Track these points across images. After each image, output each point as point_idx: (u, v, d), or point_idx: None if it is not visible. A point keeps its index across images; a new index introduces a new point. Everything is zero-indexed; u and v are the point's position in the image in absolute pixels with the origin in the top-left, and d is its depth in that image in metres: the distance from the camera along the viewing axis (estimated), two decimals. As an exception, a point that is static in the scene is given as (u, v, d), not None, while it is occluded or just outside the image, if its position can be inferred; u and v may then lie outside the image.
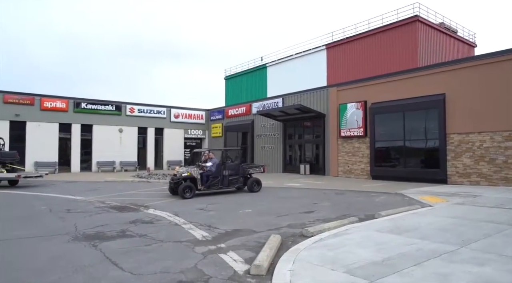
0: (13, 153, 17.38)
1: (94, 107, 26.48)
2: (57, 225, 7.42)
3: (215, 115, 31.15)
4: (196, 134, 31.73)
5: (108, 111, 27.08)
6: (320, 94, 21.35)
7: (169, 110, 30.18)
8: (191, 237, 6.31)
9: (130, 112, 28.03)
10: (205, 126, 32.12)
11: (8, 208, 10.03)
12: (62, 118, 25.12)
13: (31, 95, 24.24)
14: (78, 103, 25.82)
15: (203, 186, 11.81)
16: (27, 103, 23.80)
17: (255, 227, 7.08)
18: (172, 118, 30.26)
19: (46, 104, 24.48)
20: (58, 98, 25.22)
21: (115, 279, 4.20)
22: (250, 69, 36.76)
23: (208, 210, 9.25)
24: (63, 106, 25.15)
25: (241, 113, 27.83)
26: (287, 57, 32.87)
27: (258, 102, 26.44)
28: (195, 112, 31.79)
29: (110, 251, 5.37)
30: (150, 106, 29.31)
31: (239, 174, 12.82)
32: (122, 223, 7.49)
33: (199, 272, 4.42)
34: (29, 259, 5.08)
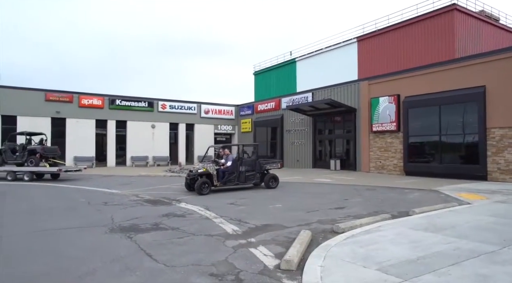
0: (55, 148, 18.32)
1: (128, 104, 27.37)
2: (95, 217, 7.76)
3: (245, 110, 31.30)
4: (226, 129, 32.05)
5: (141, 108, 27.90)
6: (351, 89, 20.91)
7: (200, 106, 30.65)
8: (222, 231, 6.41)
9: (162, 108, 28.73)
10: (235, 122, 32.35)
11: (52, 200, 10.61)
12: (98, 114, 26.16)
13: (70, 93, 25.41)
14: (113, 100, 26.78)
15: (219, 182, 11.61)
16: (66, 100, 24.98)
17: (285, 222, 7.07)
18: (202, 114, 30.72)
19: (83, 102, 25.59)
20: (95, 95, 26.28)
21: (149, 270, 4.34)
22: (279, 64, 36.56)
23: (238, 205, 9.34)
24: (99, 103, 26.18)
25: (271, 109, 27.80)
26: (316, 51, 32.38)
27: (288, 97, 26.29)
28: (224, 108, 32.09)
29: (144, 243, 5.56)
30: (181, 102, 29.90)
31: (256, 170, 12.54)
32: (155, 216, 7.72)
33: (230, 266, 4.48)
34: (71, 248, 5.35)
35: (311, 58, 33.02)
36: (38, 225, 6.99)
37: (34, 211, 8.62)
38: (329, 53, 31.17)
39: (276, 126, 27.05)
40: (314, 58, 32.75)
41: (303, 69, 33.84)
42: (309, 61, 33.22)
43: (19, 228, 6.77)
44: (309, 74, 32.50)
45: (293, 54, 35.46)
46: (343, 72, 27.46)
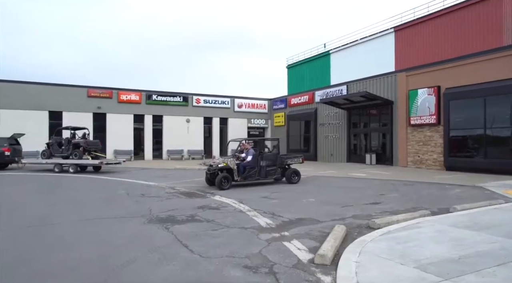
0: (96, 142, 19.23)
1: (163, 99, 28.13)
2: (134, 208, 8.09)
3: (278, 104, 31.20)
4: (259, 123, 32.14)
5: (176, 103, 28.58)
6: (388, 81, 20.23)
7: (233, 101, 30.91)
8: (256, 224, 6.46)
9: (196, 103, 29.27)
10: (268, 116, 32.35)
11: (94, 191, 11.17)
12: (136, 109, 27.11)
13: (110, 89, 26.49)
14: (149, 96, 27.62)
15: (239, 176, 11.40)
16: (106, 96, 26.09)
17: (319, 216, 7.01)
18: (236, 108, 30.97)
19: (122, 97, 26.60)
20: (133, 91, 27.23)
21: (185, 260, 4.46)
22: (313, 57, 36.03)
23: (271, 198, 9.37)
24: (137, 99, 27.10)
25: (304, 102, 27.51)
26: (351, 43, 31.58)
27: (321, 90, 25.89)
28: (258, 102, 32.16)
29: (180, 234, 5.72)
30: (215, 97, 30.30)
31: (277, 165, 12.29)
32: (191, 208, 7.92)
33: (264, 258, 4.52)
34: (113, 237, 5.62)
35: (346, 50, 32.25)
36: (83, 214, 7.39)
37: (79, 201, 9.11)
38: (364, 45, 30.29)
39: (309, 120, 26.76)
40: (348, 50, 31.97)
41: (337, 62, 33.14)
42: (344, 53, 32.47)
43: (67, 216, 7.19)
44: (343, 66, 31.78)
45: (327, 46, 34.81)
46: (379, 64, 26.61)
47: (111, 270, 4.11)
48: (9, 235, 5.77)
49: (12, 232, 6.01)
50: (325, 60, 34.55)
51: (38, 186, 12.44)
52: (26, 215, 7.42)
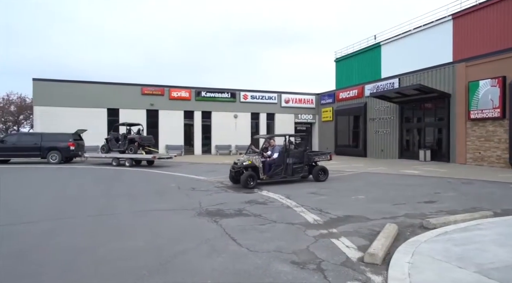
0: (150, 137, 20.22)
1: (212, 95, 28.81)
2: (184, 201, 8.40)
3: (325, 99, 30.62)
4: (306, 118, 31.81)
5: (225, 99, 29.14)
6: (444, 72, 18.99)
7: (280, 96, 30.85)
8: (303, 220, 6.42)
9: (243, 99, 29.62)
10: (315, 111, 31.89)
11: (148, 184, 11.77)
12: (186, 106, 28.06)
13: (161, 86, 27.67)
14: (199, 92, 28.43)
15: (265, 174, 10.96)
16: (158, 94, 27.28)
17: (368, 214, 6.80)
18: (283, 103, 30.89)
19: (173, 94, 27.66)
20: (183, 88, 28.20)
21: (234, 253, 4.56)
22: (362, 50, 34.79)
23: (319, 194, 9.25)
24: (187, 95, 28.03)
25: (353, 96, 26.73)
26: (404, 33, 30.00)
27: (371, 84, 24.97)
28: (305, 97, 31.81)
29: (229, 227, 5.85)
30: (262, 92, 30.44)
31: (304, 162, 11.67)
32: (238, 203, 8.06)
33: (311, 255, 4.48)
34: (165, 228, 5.89)
35: (398, 41, 30.72)
36: (138, 206, 7.83)
37: (134, 193, 9.65)
38: (418, 35, 28.64)
39: (358, 114, 25.96)
40: (401, 41, 30.43)
41: (388, 54, 31.71)
42: (395, 45, 30.97)
43: (124, 208, 7.66)
44: (395, 58, 30.34)
45: (377, 38, 33.41)
46: (435, 55, 25.02)
47: (164, 259, 4.32)
48: (71, 224, 6.27)
49: (74, 220, 6.52)
50: (375, 52, 33.21)
51: (98, 178, 13.37)
52: (87, 205, 8.01)
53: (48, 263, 4.21)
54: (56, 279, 3.73)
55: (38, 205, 7.98)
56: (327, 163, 12.75)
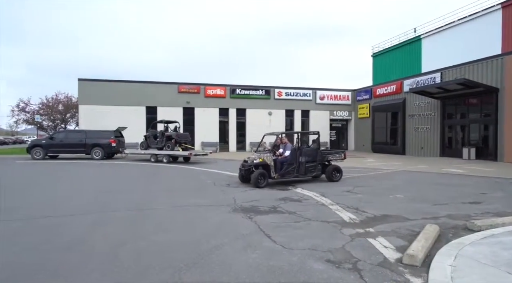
0: (186, 134, 20.72)
1: (247, 92, 29.00)
2: (220, 197, 8.54)
3: (362, 95, 29.87)
4: (342, 115, 31.22)
5: (259, 96, 29.22)
6: (492, 65, 17.88)
7: (315, 92, 30.48)
8: (338, 218, 6.32)
9: (278, 96, 29.56)
10: (351, 107, 31.21)
11: (185, 180, 12.08)
12: (221, 103, 28.45)
13: (197, 84, 28.24)
14: (233, 90, 28.72)
15: (276, 173, 10.45)
16: (194, 92, 27.87)
17: (407, 214, 6.57)
18: (318, 100, 30.50)
19: (209, 92, 28.14)
20: (218, 86, 28.60)
21: (268, 249, 4.58)
22: (401, 44, 33.53)
23: (355, 193, 9.06)
24: (222, 93, 28.41)
25: (391, 92, 25.87)
26: (446, 25, 28.58)
27: (411, 79, 24.03)
28: (340, 93, 31.21)
29: (263, 224, 5.88)
30: (296, 89, 30.23)
31: (317, 161, 11.10)
32: (273, 200, 8.07)
33: (347, 254, 4.40)
34: (202, 223, 6.03)
35: (440, 33, 29.32)
36: (176, 201, 8.06)
37: (172, 188, 9.95)
38: (463, 26, 27.16)
39: (397, 111, 25.11)
40: (443, 33, 29.01)
41: (429, 47, 30.34)
42: (437, 37, 29.58)
43: (162, 202, 7.92)
44: (436, 52, 28.98)
45: (417, 31, 32.08)
46: (482, 47, 23.61)
47: (201, 253, 4.42)
48: (114, 217, 6.57)
49: (117, 214, 6.83)
50: (415, 46, 31.91)
51: (138, 174, 13.90)
52: (128, 199, 8.35)
53: (93, 254, 4.45)
54: (101, 269, 3.93)
55: (84, 198, 8.43)
56: (340, 162, 12.06)
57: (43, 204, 7.76)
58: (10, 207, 7.29)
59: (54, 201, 8.12)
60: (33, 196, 8.82)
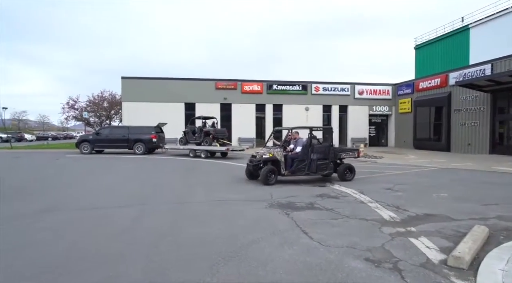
0: (223, 130, 21.03)
1: (283, 88, 28.86)
2: (256, 192, 8.59)
3: (403, 89, 28.72)
4: (382, 110, 30.24)
5: (296, 91, 28.99)
6: (551, 55, 16.47)
7: (353, 87, 29.75)
8: (377, 216, 6.14)
9: (315, 91, 29.16)
10: (392, 102, 30.13)
11: (222, 175, 12.27)
12: (258, 99, 28.54)
13: (234, 81, 28.51)
14: (270, 86, 28.69)
15: (287, 170, 9.95)
16: (231, 88, 28.17)
17: (452, 213, 6.26)
18: (356, 95, 29.74)
19: (245, 88, 28.32)
20: (255, 82, 28.71)
21: (305, 246, 4.55)
22: (447, 34, 31.79)
23: (395, 191, 8.76)
24: (259, 89, 28.48)
25: (435, 86, 24.65)
26: (498, 13, 26.69)
27: (457, 72, 22.73)
28: (380, 87, 30.21)
29: (300, 220, 5.85)
30: (334, 84, 29.66)
31: (329, 158, 10.46)
32: (310, 196, 8.00)
33: (387, 253, 4.27)
34: (239, 218, 6.10)
35: (491, 22, 27.47)
36: (213, 195, 8.22)
37: (210, 183, 10.15)
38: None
39: (441, 105, 23.90)
40: (494, 22, 27.15)
41: (478, 37, 28.53)
42: (488, 27, 27.73)
43: (201, 196, 8.11)
44: (486, 42, 27.19)
45: (465, 20, 30.23)
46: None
47: (238, 247, 4.48)
48: (155, 209, 6.82)
49: (158, 207, 7.08)
50: (462, 36, 30.13)
51: (177, 168, 14.32)
52: (168, 192, 8.64)
53: (136, 244, 4.65)
54: (143, 258, 4.11)
55: (128, 191, 8.83)
56: (352, 160, 11.55)
57: (93, 195, 8.21)
58: (64, 198, 7.80)
59: (102, 193, 8.57)
60: (83, 188, 9.37)
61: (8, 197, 7.97)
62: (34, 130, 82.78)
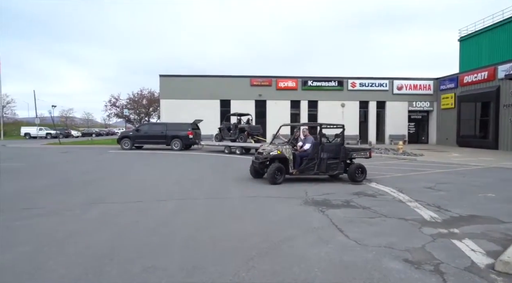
0: (258, 127, 21.11)
1: (319, 84, 28.47)
2: (291, 189, 8.56)
3: (446, 84, 27.37)
4: (422, 106, 29.04)
5: (331, 87, 28.50)
6: None
7: (392, 82, 28.77)
8: (417, 216, 5.92)
9: (351, 87, 28.50)
10: (433, 97, 28.83)
11: (256, 171, 12.33)
12: (293, 96, 28.37)
13: (269, 77, 28.50)
14: (305, 82, 28.40)
15: (295, 169, 9.47)
16: (266, 84, 28.19)
17: (500, 215, 5.90)
18: (395, 90, 28.75)
19: (280, 84, 28.24)
20: (289, 78, 28.53)
21: (341, 244, 4.48)
22: (495, 24, 29.81)
23: (437, 190, 8.39)
24: (293, 85, 28.29)
25: (481, 80, 23.28)
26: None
27: (508, 64, 21.32)
28: (421, 82, 29.01)
29: (336, 218, 5.76)
30: (371, 79, 28.85)
31: (340, 158, 9.90)
32: (345, 194, 7.86)
33: (428, 255, 4.11)
34: (273, 214, 6.12)
35: (546, 10, 25.41)
36: (248, 191, 8.29)
37: (244, 179, 10.23)
38: None
39: (488, 100, 22.54)
40: (550, 9, 25.08)
41: (532, 27, 26.52)
42: (543, 15, 25.68)
43: (236, 192, 8.19)
44: (541, 31, 25.21)
45: (517, 8, 28.18)
46: None
47: (273, 243, 4.50)
48: (192, 204, 6.99)
49: (195, 201, 7.25)
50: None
51: (213, 164, 14.57)
52: (205, 188, 8.81)
53: (174, 237, 4.80)
54: (180, 251, 4.23)
55: (167, 186, 9.11)
56: (362, 160, 10.70)
57: (134, 189, 8.57)
58: (108, 192, 8.20)
59: (142, 187, 8.91)
60: (125, 182, 9.79)
61: (58, 189, 8.50)
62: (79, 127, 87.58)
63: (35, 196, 7.63)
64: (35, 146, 27.94)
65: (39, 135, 45.96)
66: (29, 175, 11.07)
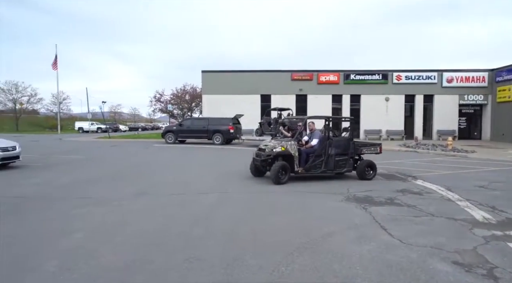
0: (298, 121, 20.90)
1: (361, 78, 27.61)
2: (332, 185, 8.42)
3: (503, 75, 25.41)
4: (475, 100, 27.23)
5: (375, 81, 27.53)
6: None
7: (441, 75, 27.22)
8: (468, 216, 5.59)
9: (396, 80, 27.36)
10: (488, 90, 26.91)
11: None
12: (334, 90, 27.76)
13: (310, 71, 28.08)
14: (347, 75, 27.66)
15: (301, 167, 8.71)
16: (307, 79, 27.82)
17: None
18: (444, 83, 27.18)
19: (321, 79, 27.73)
20: (331, 72, 27.93)
21: (384, 243, 4.33)
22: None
23: (491, 189, 7.86)
24: (335, 79, 27.66)
25: (544, 70, 21.31)
26: None
27: None
28: (473, 74, 27.16)
29: (378, 215, 5.59)
30: (418, 72, 27.48)
31: (349, 154, 9.20)
32: (389, 191, 7.59)
33: (480, 258, 3.86)
34: (314, 209, 6.06)
35: None
36: (290, 185, 8.24)
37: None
38: None
39: (552, 93, 20.60)
40: None
41: None
42: None
43: (277, 186, 8.17)
44: None
45: None
46: None
47: (313, 239, 4.46)
48: (234, 198, 7.10)
49: (237, 195, 7.35)
50: None
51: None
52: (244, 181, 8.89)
53: (215, 229, 4.91)
54: (221, 244, 4.32)
55: (209, 179, 9.32)
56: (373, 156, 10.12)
57: (178, 182, 8.87)
58: (153, 184, 8.56)
59: (186, 180, 9.20)
60: (169, 175, 10.16)
61: (108, 180, 9.02)
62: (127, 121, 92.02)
63: (88, 186, 8.15)
64: (88, 139, 29.76)
65: (91, 129, 49.02)
66: (84, 167, 11.83)
